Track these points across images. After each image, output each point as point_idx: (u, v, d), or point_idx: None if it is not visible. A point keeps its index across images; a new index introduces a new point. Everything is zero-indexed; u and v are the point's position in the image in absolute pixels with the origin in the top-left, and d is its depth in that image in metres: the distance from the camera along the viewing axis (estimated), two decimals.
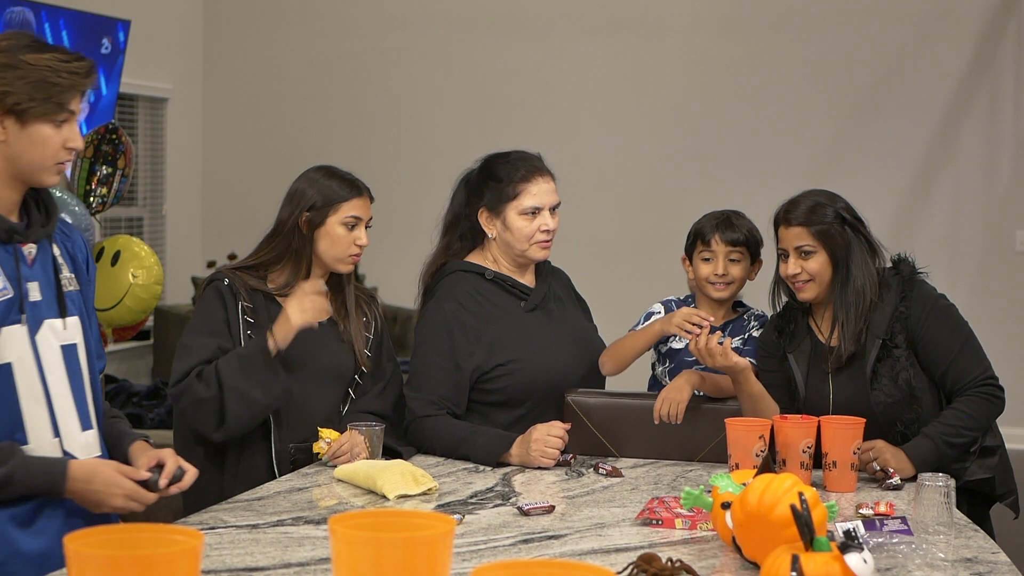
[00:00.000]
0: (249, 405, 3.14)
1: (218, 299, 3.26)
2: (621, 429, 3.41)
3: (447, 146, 8.44)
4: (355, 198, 3.32)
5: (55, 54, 2.42)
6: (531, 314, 3.51)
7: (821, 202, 3.32)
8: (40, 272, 2.48)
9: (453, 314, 3.43)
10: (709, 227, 3.56)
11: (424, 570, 1.63)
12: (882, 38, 8.21)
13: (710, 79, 8.39)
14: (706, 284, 3.55)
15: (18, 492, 2.38)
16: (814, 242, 3.28)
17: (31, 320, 2.44)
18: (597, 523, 2.64)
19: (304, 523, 2.59)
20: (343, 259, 3.32)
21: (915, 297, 3.29)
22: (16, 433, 2.41)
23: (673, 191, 8.25)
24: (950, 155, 8.17)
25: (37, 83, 2.38)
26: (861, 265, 3.29)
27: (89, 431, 2.53)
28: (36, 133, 2.40)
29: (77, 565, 1.60)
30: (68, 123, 2.43)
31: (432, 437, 3.35)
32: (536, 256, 3.50)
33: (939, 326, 3.27)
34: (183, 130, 8.79)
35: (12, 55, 2.39)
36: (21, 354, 2.41)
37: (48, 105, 2.38)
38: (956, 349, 3.26)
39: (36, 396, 2.43)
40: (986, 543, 2.52)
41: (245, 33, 9.09)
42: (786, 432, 3.00)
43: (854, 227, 3.31)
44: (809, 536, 2.04)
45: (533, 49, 8.63)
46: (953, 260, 8.03)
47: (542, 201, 3.46)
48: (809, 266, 3.30)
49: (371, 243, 3.37)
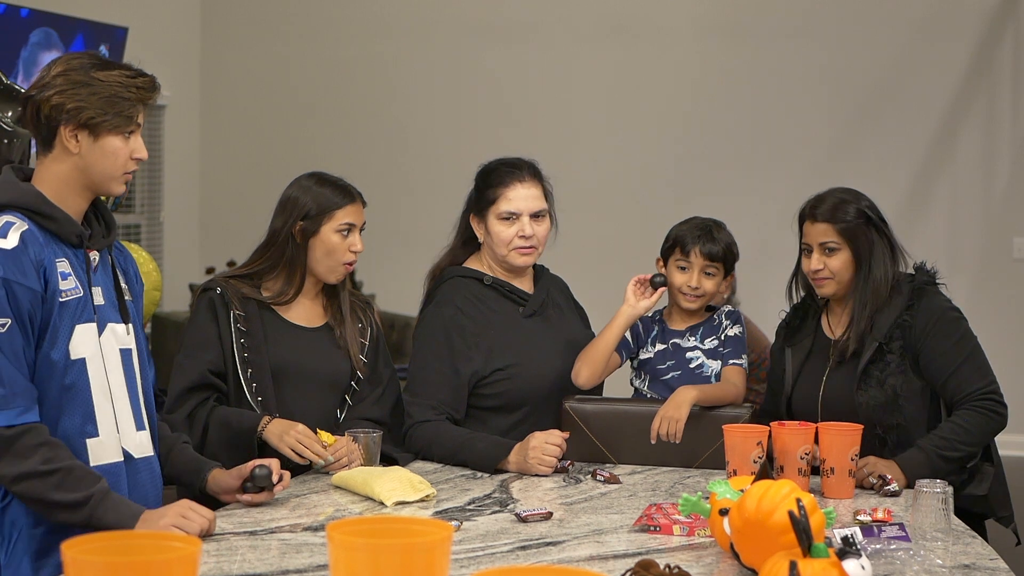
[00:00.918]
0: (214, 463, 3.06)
1: (209, 311, 3.25)
2: (619, 436, 3.41)
3: (445, 153, 8.44)
4: (349, 204, 3.32)
5: (122, 71, 2.61)
6: (529, 320, 3.51)
7: (847, 199, 3.35)
8: (102, 278, 2.68)
9: (452, 319, 3.43)
10: (690, 237, 3.51)
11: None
12: (879, 44, 8.21)
13: (708, 84, 8.39)
14: (677, 293, 3.54)
15: (84, 518, 2.49)
16: (839, 239, 3.31)
17: (98, 321, 2.63)
18: (595, 529, 2.64)
19: (302, 530, 2.59)
20: (336, 268, 3.31)
21: (922, 307, 3.29)
22: (87, 425, 2.59)
23: (673, 198, 8.24)
24: (948, 161, 8.17)
25: (109, 99, 2.56)
26: (881, 265, 3.31)
27: (142, 431, 2.72)
28: (107, 145, 2.58)
29: (75, 571, 1.60)
30: (134, 135, 2.62)
31: (431, 442, 3.35)
32: (516, 262, 3.49)
33: (943, 337, 3.27)
34: (181, 137, 8.79)
35: (84, 73, 2.57)
36: (93, 351, 2.61)
37: (119, 119, 2.57)
38: (959, 361, 3.26)
39: (104, 392, 2.62)
40: (984, 550, 2.52)
41: (242, 40, 9.09)
42: (784, 439, 3.00)
43: (878, 227, 3.34)
44: (807, 542, 2.04)
45: (533, 56, 8.63)
46: (951, 267, 8.00)
47: (519, 207, 3.45)
48: (832, 263, 3.32)
49: (369, 250, 3.37)
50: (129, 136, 2.60)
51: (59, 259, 2.56)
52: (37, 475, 2.47)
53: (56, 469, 2.47)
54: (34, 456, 2.47)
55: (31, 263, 2.50)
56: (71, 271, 2.58)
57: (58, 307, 2.54)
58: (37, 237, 2.54)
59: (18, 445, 2.46)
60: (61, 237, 2.58)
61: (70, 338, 2.56)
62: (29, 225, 2.54)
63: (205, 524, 2.50)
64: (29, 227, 2.54)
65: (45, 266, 2.53)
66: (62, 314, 2.55)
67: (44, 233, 2.56)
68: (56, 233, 2.58)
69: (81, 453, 2.56)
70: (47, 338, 2.54)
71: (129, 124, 2.59)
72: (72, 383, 2.57)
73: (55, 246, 2.57)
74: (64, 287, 2.55)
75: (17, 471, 2.46)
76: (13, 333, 2.48)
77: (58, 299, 2.54)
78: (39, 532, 2.55)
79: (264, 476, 2.75)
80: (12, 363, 2.47)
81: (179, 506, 2.53)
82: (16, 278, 2.48)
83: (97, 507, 2.49)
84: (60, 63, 2.60)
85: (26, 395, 2.49)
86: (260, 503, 2.78)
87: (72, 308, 2.56)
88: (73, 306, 2.57)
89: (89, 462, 2.57)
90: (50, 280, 2.53)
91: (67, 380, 2.56)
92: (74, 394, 2.57)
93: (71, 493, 2.48)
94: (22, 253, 2.50)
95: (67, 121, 2.55)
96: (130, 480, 2.67)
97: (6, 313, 2.47)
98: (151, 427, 2.77)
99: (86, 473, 2.52)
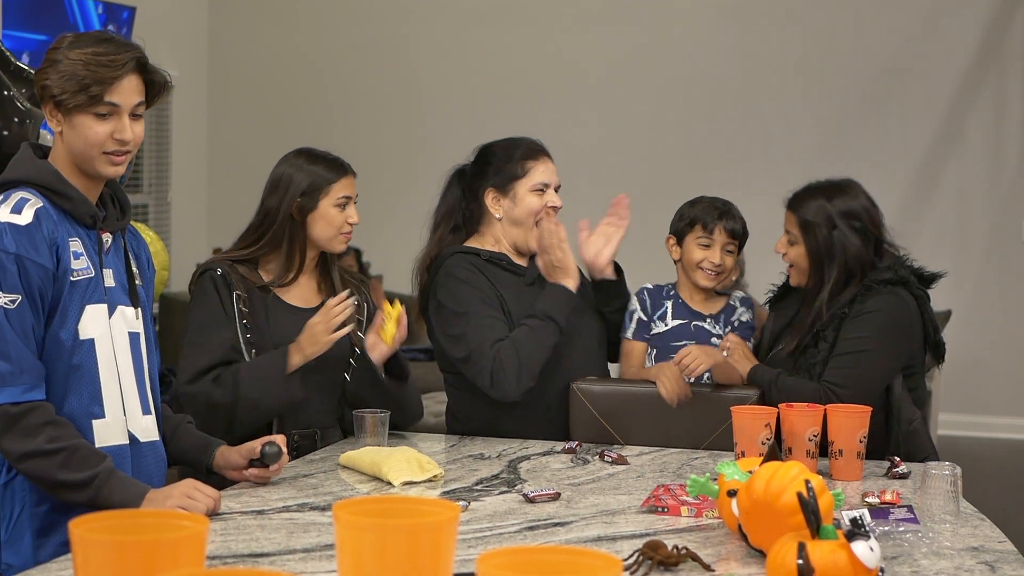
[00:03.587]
0: (259, 415, 3.16)
1: (214, 290, 3.24)
2: (626, 416, 3.41)
3: (452, 135, 8.41)
4: (343, 178, 3.33)
5: (96, 49, 2.53)
6: (531, 287, 3.51)
7: (816, 194, 3.37)
8: (114, 260, 2.67)
9: (472, 280, 3.44)
10: (712, 215, 3.55)
11: (428, 557, 1.63)
12: (889, 29, 8.18)
13: (713, 68, 8.37)
14: (697, 270, 3.55)
15: (90, 497, 2.47)
16: (797, 232, 3.34)
17: (109, 303, 2.61)
18: (603, 510, 2.64)
19: (309, 509, 2.59)
20: (337, 237, 3.33)
21: (861, 304, 3.31)
22: (94, 406, 2.58)
23: (677, 181, 8.21)
24: (957, 146, 8.15)
25: (69, 77, 2.51)
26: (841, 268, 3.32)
27: (148, 416, 2.71)
28: (79, 124, 2.53)
29: (83, 550, 1.60)
30: (116, 115, 2.54)
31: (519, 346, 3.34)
32: (533, 245, 3.51)
33: (851, 330, 3.30)
34: (188, 117, 8.79)
35: (60, 52, 2.54)
36: (102, 332, 2.59)
37: (81, 97, 2.51)
38: (841, 352, 3.29)
39: (112, 373, 2.61)
40: (992, 532, 2.52)
41: (250, 20, 9.07)
42: (792, 420, 2.99)
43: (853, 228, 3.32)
44: (815, 524, 2.03)
45: (541, 38, 8.62)
46: (959, 250, 8.01)
47: (550, 179, 3.52)
48: (791, 252, 3.39)
49: (376, 231, 3.38)
50: (107, 117, 2.54)
51: (72, 238, 2.55)
52: (42, 454, 2.46)
53: (61, 448, 2.47)
54: (40, 435, 2.45)
55: (44, 240, 2.49)
56: (83, 251, 2.57)
57: (69, 286, 2.53)
58: (51, 215, 2.53)
59: (24, 423, 2.45)
60: (75, 216, 2.57)
61: (80, 318, 2.55)
62: (44, 202, 2.53)
63: (211, 504, 2.49)
64: (44, 204, 2.53)
65: (58, 244, 2.52)
66: (72, 293, 2.54)
67: (58, 211, 2.55)
68: (70, 212, 2.57)
69: (87, 434, 2.56)
70: (56, 317, 2.53)
71: (95, 103, 2.52)
72: (80, 363, 2.56)
73: (69, 225, 2.56)
74: (76, 266, 2.54)
75: (23, 449, 2.45)
76: (23, 309, 2.47)
77: (69, 278, 2.53)
78: (42, 510, 2.55)
79: (274, 455, 2.74)
80: (21, 339, 2.46)
81: (184, 485, 2.52)
82: (29, 254, 2.47)
83: (103, 487, 2.48)
84: (56, 41, 2.59)
85: (33, 372, 2.48)
86: (266, 480, 2.78)
87: (83, 288, 2.56)
88: (84, 286, 2.56)
89: (95, 443, 2.57)
90: (62, 258, 2.52)
91: (75, 360, 2.55)
92: (82, 374, 2.56)
93: (76, 473, 2.47)
94: (35, 230, 2.49)
95: (44, 100, 2.55)
96: (135, 463, 2.66)
97: (17, 289, 2.46)
98: (156, 412, 2.76)
99: (91, 452, 2.51)
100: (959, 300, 7.51)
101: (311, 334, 3.18)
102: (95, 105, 2.52)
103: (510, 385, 3.33)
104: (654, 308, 3.60)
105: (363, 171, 3.49)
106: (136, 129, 2.58)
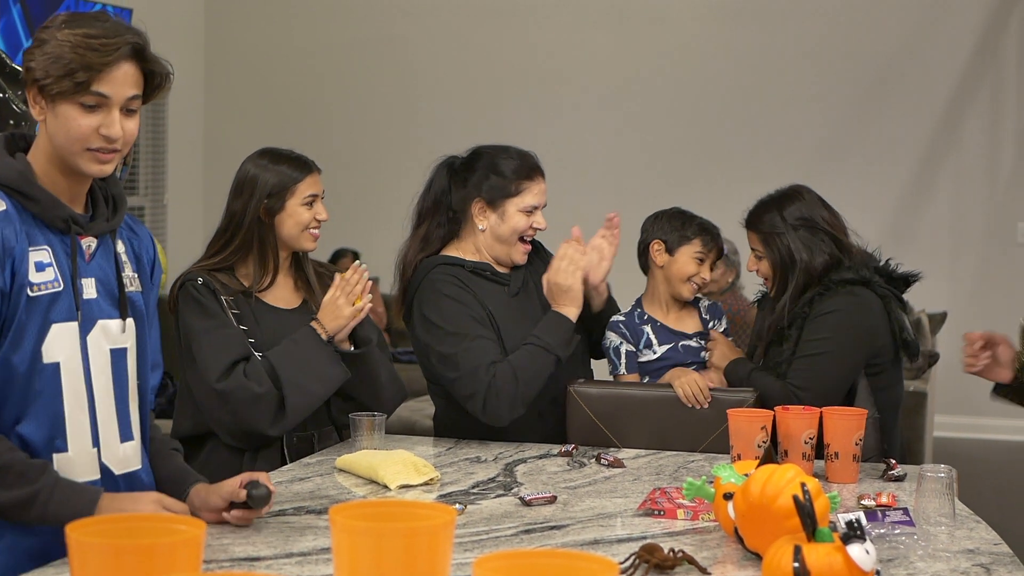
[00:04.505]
0: (308, 397, 3.16)
1: (208, 294, 3.21)
2: (623, 419, 3.41)
3: (450, 136, 8.40)
4: (308, 176, 3.32)
5: (90, 30, 2.23)
6: (516, 298, 3.49)
7: (768, 207, 3.48)
8: (98, 268, 2.36)
9: (460, 296, 3.40)
10: (713, 231, 3.63)
11: (425, 560, 1.63)
12: (885, 29, 8.20)
13: (713, 69, 8.38)
14: (684, 283, 3.58)
15: (38, 515, 2.24)
16: (760, 247, 3.41)
17: (84, 318, 2.31)
18: (599, 513, 2.64)
19: (306, 513, 2.59)
20: (305, 235, 3.32)
21: (820, 303, 3.37)
22: (56, 439, 2.29)
23: (674, 182, 8.24)
24: (953, 146, 8.16)
25: (55, 60, 2.21)
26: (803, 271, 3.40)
27: (129, 443, 2.41)
28: (62, 114, 2.24)
29: (79, 554, 1.60)
30: (105, 108, 2.24)
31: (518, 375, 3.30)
32: (517, 258, 3.49)
33: (810, 332, 3.37)
34: (184, 119, 8.79)
35: (50, 31, 2.25)
36: (70, 354, 2.30)
37: (65, 83, 2.21)
38: (805, 352, 3.36)
39: (80, 401, 2.32)
40: (988, 534, 2.52)
41: (247, 21, 9.08)
42: (788, 423, 2.99)
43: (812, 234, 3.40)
44: (811, 527, 2.03)
45: (539, 37, 8.62)
46: (956, 251, 8.02)
47: (541, 200, 3.48)
48: (761, 267, 3.49)
49: (372, 233, 3.37)
50: (94, 109, 2.23)
51: (38, 247, 2.27)
52: None
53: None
54: None
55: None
56: (51, 261, 2.28)
57: (25, 303, 2.24)
58: (13, 221, 2.24)
59: None
60: (45, 221, 2.28)
61: (42, 339, 2.26)
62: (8, 205, 2.25)
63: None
64: (8, 208, 2.25)
65: (15, 256, 2.23)
66: (30, 311, 2.25)
67: (26, 216, 2.27)
68: (39, 216, 2.28)
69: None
70: (8, 339, 2.23)
71: (81, 92, 2.21)
72: (42, 390, 2.27)
73: (37, 231, 2.27)
74: (38, 280, 2.25)
75: None
76: None
77: (26, 293, 2.24)
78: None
79: (262, 497, 2.38)
80: None
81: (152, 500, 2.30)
82: None
83: (49, 502, 2.23)
84: (49, 19, 2.31)
85: None
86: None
87: (44, 304, 2.26)
88: (45, 302, 2.26)
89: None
90: (18, 272, 2.23)
91: (36, 386, 2.26)
92: (43, 402, 2.27)
93: (14, 491, 2.22)
94: None
95: (29, 84, 2.26)
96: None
97: None
98: (143, 434, 2.46)
99: (27, 467, 2.23)
100: (955, 301, 7.52)
101: (333, 309, 3.19)
102: (81, 94, 2.22)
103: (503, 412, 3.29)
104: (635, 337, 3.60)
105: (360, 172, 3.51)
106: (128, 126, 2.28)
